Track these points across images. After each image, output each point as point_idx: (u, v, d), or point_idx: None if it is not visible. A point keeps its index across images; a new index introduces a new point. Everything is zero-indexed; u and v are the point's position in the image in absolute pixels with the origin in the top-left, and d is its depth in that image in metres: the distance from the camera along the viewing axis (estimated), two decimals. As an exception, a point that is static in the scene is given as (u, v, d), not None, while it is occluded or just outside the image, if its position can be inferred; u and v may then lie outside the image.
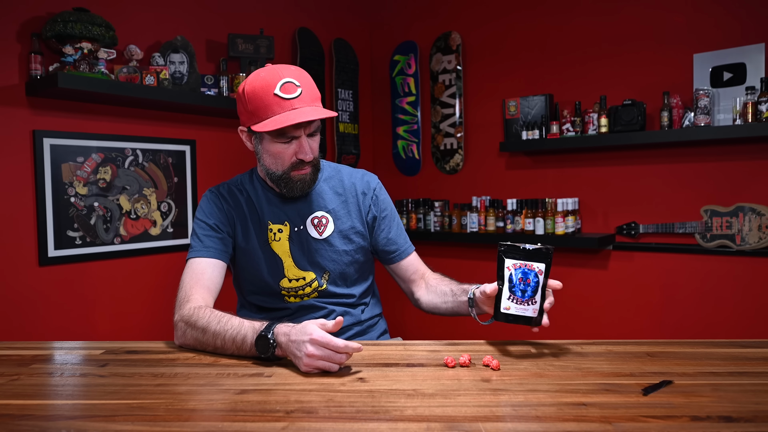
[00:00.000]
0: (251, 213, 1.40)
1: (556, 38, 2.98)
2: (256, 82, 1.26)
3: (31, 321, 2.25)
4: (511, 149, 3.03)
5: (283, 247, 1.38)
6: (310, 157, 1.29)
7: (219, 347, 1.15)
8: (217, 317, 1.17)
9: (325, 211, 1.41)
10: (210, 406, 0.89)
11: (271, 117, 1.24)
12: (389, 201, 1.51)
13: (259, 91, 1.25)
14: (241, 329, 1.12)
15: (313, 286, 1.40)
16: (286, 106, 1.23)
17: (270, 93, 1.24)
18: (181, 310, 1.23)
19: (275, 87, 1.24)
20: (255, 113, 1.26)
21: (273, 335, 1.07)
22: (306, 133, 1.28)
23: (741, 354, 1.14)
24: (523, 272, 1.11)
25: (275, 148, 1.29)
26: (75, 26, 2.13)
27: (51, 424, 0.82)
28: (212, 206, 1.39)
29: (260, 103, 1.25)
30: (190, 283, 1.29)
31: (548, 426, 0.80)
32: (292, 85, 1.25)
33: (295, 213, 1.39)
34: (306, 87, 1.27)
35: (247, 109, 1.28)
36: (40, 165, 2.25)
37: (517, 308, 1.11)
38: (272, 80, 1.25)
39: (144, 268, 2.59)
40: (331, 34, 3.48)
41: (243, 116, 1.32)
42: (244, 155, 2.99)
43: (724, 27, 2.50)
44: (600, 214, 2.89)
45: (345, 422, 0.82)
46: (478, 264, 3.29)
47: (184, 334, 1.21)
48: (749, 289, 2.47)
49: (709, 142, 2.52)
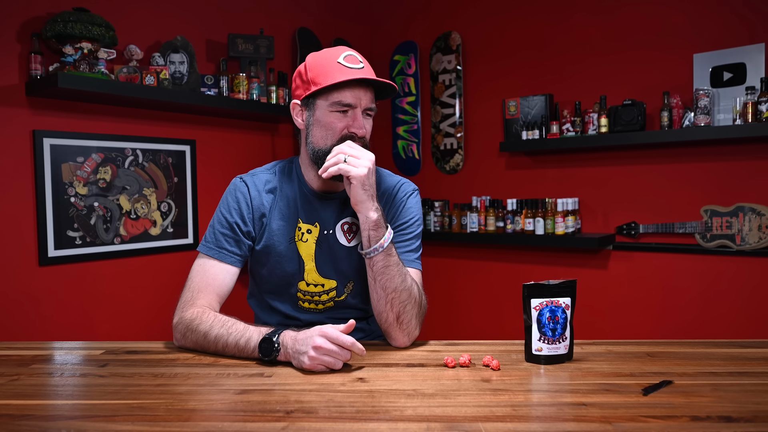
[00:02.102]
0: (282, 206, 1.32)
1: (556, 38, 2.98)
2: (320, 54, 1.25)
3: (31, 321, 2.25)
4: (511, 149, 3.03)
5: (309, 250, 1.32)
6: (362, 132, 1.23)
7: (220, 350, 1.15)
8: (221, 321, 1.16)
9: (357, 218, 1.29)
10: (210, 406, 0.89)
11: (332, 81, 1.19)
12: (415, 212, 1.37)
13: (323, 59, 1.23)
14: (246, 332, 1.12)
15: (331, 295, 1.34)
16: (348, 74, 1.19)
17: (333, 61, 1.21)
18: (184, 313, 1.21)
19: (339, 56, 1.21)
20: (314, 80, 1.21)
21: (278, 338, 1.07)
22: (363, 106, 1.22)
23: (741, 354, 1.14)
24: (551, 310, 1.08)
25: (329, 118, 1.22)
26: (75, 26, 2.13)
27: (51, 424, 0.82)
28: (238, 199, 1.31)
29: (321, 69, 1.21)
30: (198, 287, 1.25)
31: (548, 426, 0.80)
32: (354, 58, 1.23)
33: (328, 214, 1.32)
34: (368, 65, 1.25)
35: (305, 78, 1.24)
36: (40, 165, 2.25)
37: (549, 348, 1.08)
38: (336, 52, 1.23)
39: (144, 268, 2.59)
40: (331, 34, 3.47)
41: (299, 90, 1.27)
42: (244, 155, 2.99)
43: (724, 27, 2.50)
44: (600, 214, 2.89)
45: (345, 422, 0.82)
46: (478, 264, 3.29)
47: (184, 336, 1.20)
48: (749, 289, 2.47)
49: (709, 142, 2.52)
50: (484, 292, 3.26)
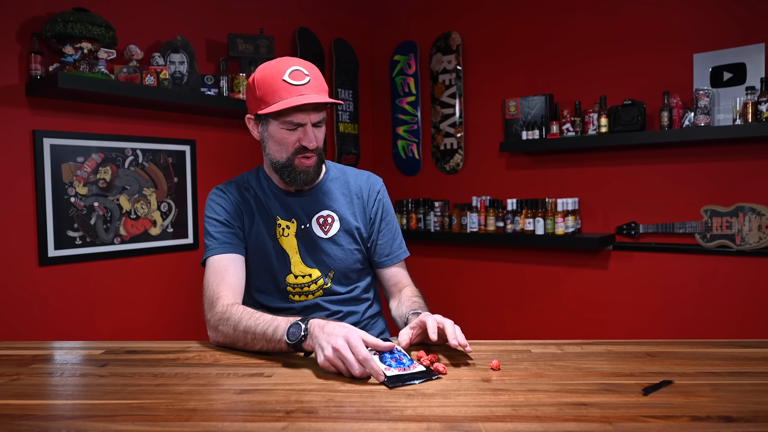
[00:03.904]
0: (259, 208, 1.41)
1: (556, 38, 2.98)
2: (266, 69, 1.29)
3: (31, 321, 2.25)
4: (511, 149, 3.03)
5: (291, 243, 1.40)
6: (314, 145, 1.30)
7: (249, 342, 1.16)
8: (249, 313, 1.18)
9: (331, 211, 1.42)
10: (210, 406, 0.89)
11: (278, 102, 1.25)
12: (390, 206, 1.53)
13: (268, 77, 1.27)
14: (274, 321, 1.13)
15: (319, 284, 1.41)
16: (294, 92, 1.25)
17: (279, 79, 1.26)
18: (214, 309, 1.24)
19: (284, 73, 1.26)
20: (263, 99, 1.27)
21: (308, 324, 1.07)
22: (312, 121, 1.29)
23: (741, 354, 1.14)
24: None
25: (280, 134, 1.30)
26: (75, 26, 2.13)
27: (51, 424, 0.82)
28: (220, 202, 1.40)
29: (268, 88, 1.26)
30: (215, 282, 1.29)
31: (548, 426, 0.80)
32: (300, 73, 1.27)
33: (301, 210, 1.41)
34: (314, 77, 1.29)
35: (255, 95, 1.29)
36: (40, 165, 2.25)
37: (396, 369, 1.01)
38: (281, 67, 1.27)
39: (144, 268, 2.59)
40: (331, 34, 3.48)
41: (251, 104, 1.33)
42: (244, 155, 2.99)
43: (724, 27, 2.50)
44: (600, 214, 2.89)
45: (345, 422, 0.82)
46: (478, 264, 3.29)
47: (217, 330, 1.22)
48: (749, 289, 2.47)
49: (709, 142, 2.52)
50: (484, 292, 3.26)
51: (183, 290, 2.72)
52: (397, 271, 1.50)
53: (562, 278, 2.99)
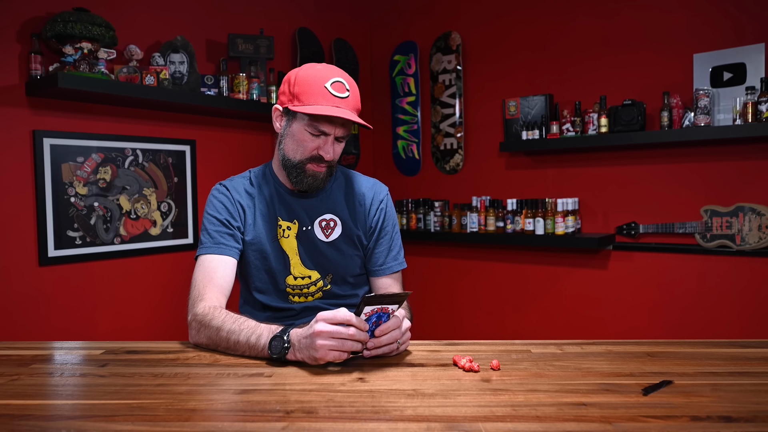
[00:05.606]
0: (262, 207, 1.41)
1: (557, 38, 2.98)
2: (311, 70, 1.30)
3: (31, 321, 2.25)
4: (511, 149, 3.03)
5: (291, 245, 1.40)
6: (330, 157, 1.31)
7: (231, 346, 1.15)
8: (233, 318, 1.17)
9: (335, 215, 1.43)
10: (210, 406, 0.89)
11: (313, 105, 1.26)
12: (394, 216, 1.52)
13: (312, 78, 1.28)
14: (257, 329, 1.12)
15: (318, 286, 1.42)
16: (331, 101, 1.26)
17: (321, 83, 1.27)
18: (195, 309, 1.24)
19: (327, 81, 1.27)
20: (298, 96, 1.28)
21: (288, 336, 1.07)
22: (336, 134, 1.30)
23: (741, 354, 1.14)
24: (378, 316, 1.07)
25: (303, 135, 1.30)
26: (75, 26, 2.13)
27: (51, 424, 0.82)
28: (222, 200, 1.40)
29: (308, 88, 1.27)
30: (202, 282, 1.30)
31: (548, 426, 0.80)
32: (342, 86, 1.28)
33: (304, 212, 1.41)
34: (353, 94, 1.31)
35: (292, 90, 1.30)
36: (40, 165, 2.25)
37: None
38: (327, 74, 1.29)
39: (144, 268, 2.59)
40: (331, 34, 3.48)
41: (283, 96, 1.33)
42: (244, 155, 2.99)
43: (723, 27, 2.50)
44: (600, 214, 2.89)
45: (345, 422, 0.82)
46: (478, 264, 3.29)
47: (198, 332, 1.22)
48: (749, 289, 2.47)
49: (709, 142, 2.52)
50: (484, 292, 3.26)
51: (183, 290, 2.71)
52: (389, 283, 1.49)
53: (562, 278, 2.99)
